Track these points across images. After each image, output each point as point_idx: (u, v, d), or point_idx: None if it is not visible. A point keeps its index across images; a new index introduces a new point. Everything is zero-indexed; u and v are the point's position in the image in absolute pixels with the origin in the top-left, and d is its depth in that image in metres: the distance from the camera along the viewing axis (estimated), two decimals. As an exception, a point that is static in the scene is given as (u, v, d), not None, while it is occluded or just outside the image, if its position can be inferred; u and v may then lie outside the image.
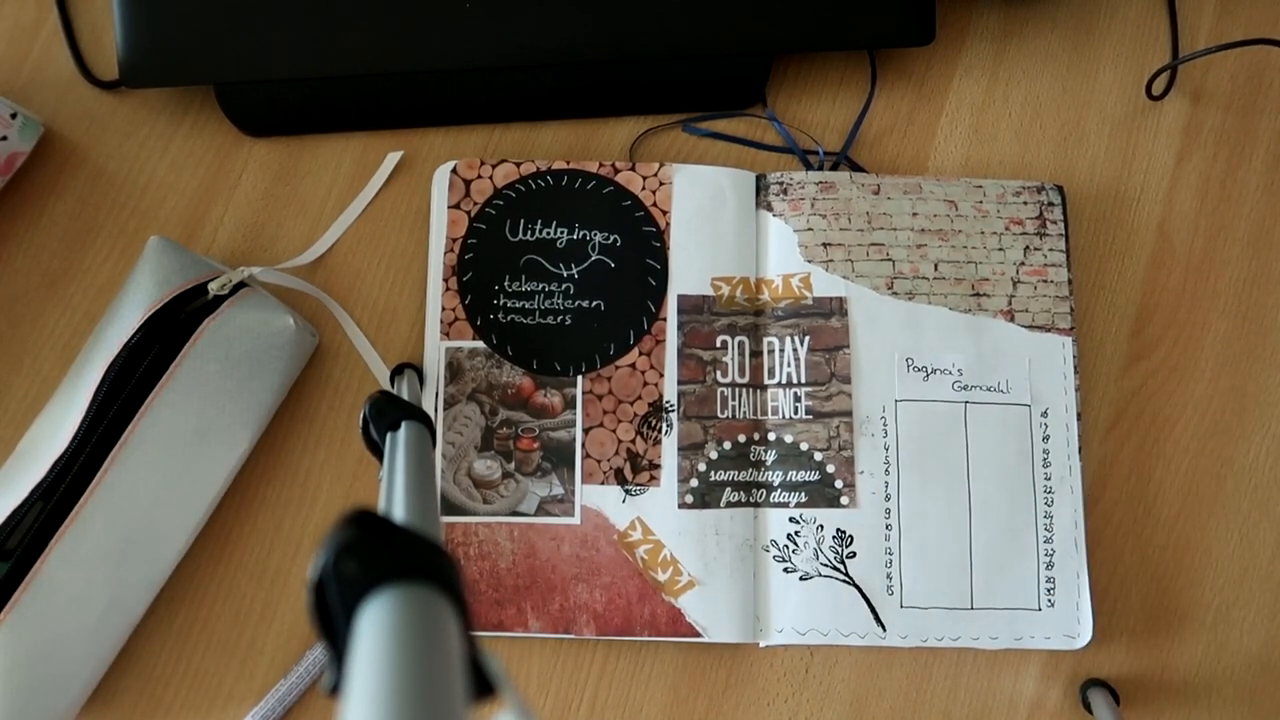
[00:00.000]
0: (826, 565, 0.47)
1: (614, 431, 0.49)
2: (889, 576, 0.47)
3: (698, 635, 0.47)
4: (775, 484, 0.48)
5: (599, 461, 0.49)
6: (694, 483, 0.48)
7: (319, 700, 0.47)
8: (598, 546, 0.48)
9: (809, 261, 0.50)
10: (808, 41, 0.52)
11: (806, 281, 0.50)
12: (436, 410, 0.49)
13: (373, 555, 0.21)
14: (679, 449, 0.49)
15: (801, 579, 0.47)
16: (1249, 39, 0.53)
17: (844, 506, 0.48)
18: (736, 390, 0.49)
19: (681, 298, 0.50)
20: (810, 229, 0.50)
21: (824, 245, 0.50)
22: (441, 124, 0.53)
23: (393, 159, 0.52)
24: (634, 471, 0.48)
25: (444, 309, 0.50)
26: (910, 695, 0.48)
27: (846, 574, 0.47)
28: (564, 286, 0.50)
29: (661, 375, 0.49)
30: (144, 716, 0.47)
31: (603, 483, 0.48)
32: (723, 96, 0.53)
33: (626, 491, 0.48)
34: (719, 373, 0.49)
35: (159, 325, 0.44)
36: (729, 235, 0.51)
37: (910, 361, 0.49)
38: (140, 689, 0.47)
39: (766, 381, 0.49)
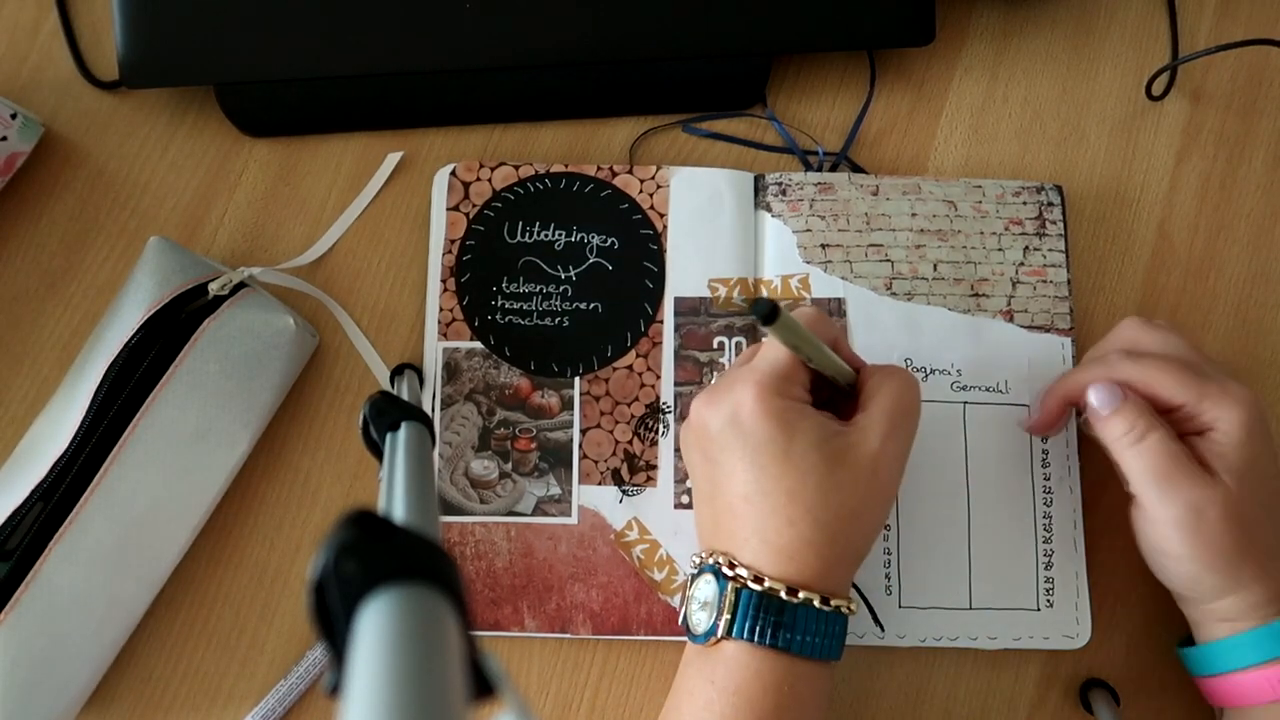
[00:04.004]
0: (826, 565, 0.47)
1: (611, 432, 0.49)
2: (887, 577, 0.47)
3: (697, 635, 0.47)
4: (774, 484, 0.48)
5: (596, 462, 0.49)
6: (690, 483, 0.48)
7: (319, 700, 0.47)
8: (594, 546, 0.48)
9: (807, 262, 0.50)
10: (808, 41, 0.52)
11: (805, 282, 0.50)
12: (434, 410, 0.49)
13: (372, 555, 0.21)
14: (675, 450, 0.49)
15: (801, 579, 0.47)
16: (1249, 39, 0.53)
17: (843, 507, 0.48)
18: (736, 390, 0.49)
19: (679, 300, 0.50)
20: (809, 230, 0.50)
21: (822, 246, 0.50)
22: (441, 124, 0.53)
23: (393, 159, 0.52)
24: (631, 472, 0.49)
25: (442, 310, 0.50)
26: (910, 695, 0.48)
27: (846, 574, 0.47)
28: (562, 288, 0.50)
29: (659, 377, 0.49)
30: (144, 716, 0.47)
31: (600, 483, 0.48)
32: (723, 96, 0.53)
33: (623, 492, 0.48)
34: (716, 374, 0.49)
35: (159, 325, 0.44)
36: (727, 236, 0.51)
37: (909, 362, 0.49)
38: (140, 689, 0.47)
39: (766, 382, 0.49)
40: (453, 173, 0.51)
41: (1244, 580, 0.40)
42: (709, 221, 0.51)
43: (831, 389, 0.42)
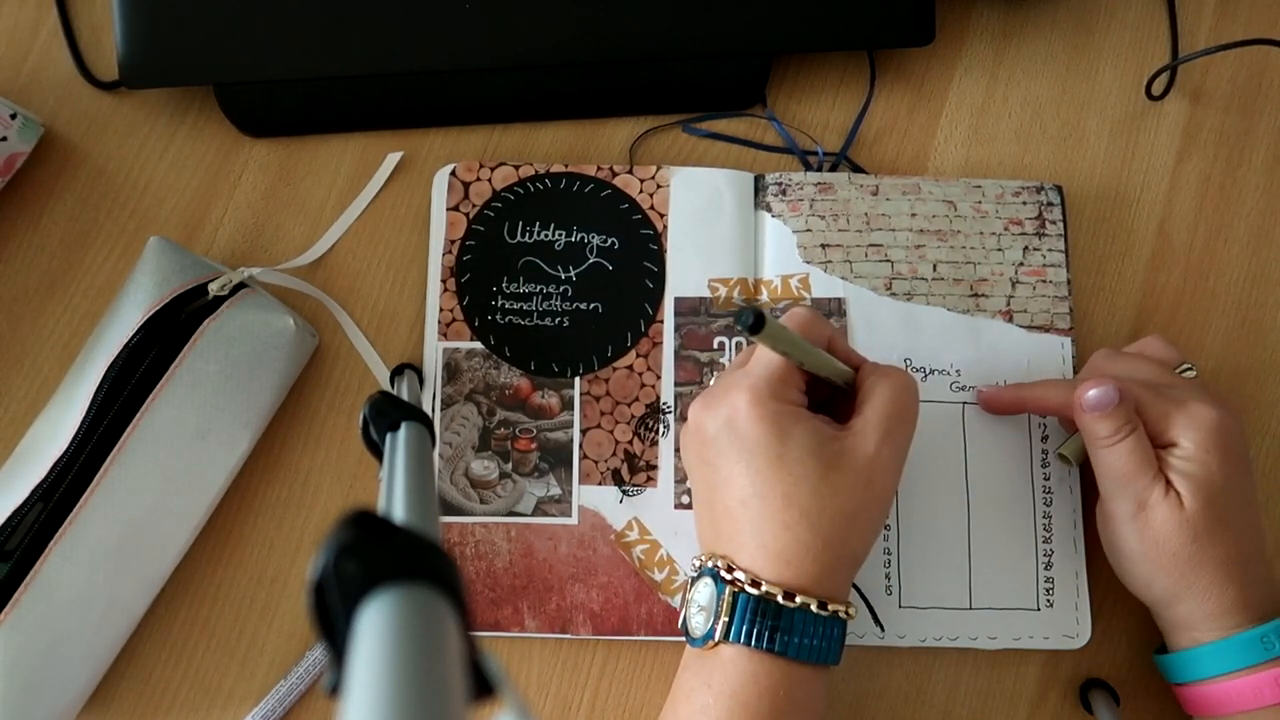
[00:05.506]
0: (826, 565, 0.47)
1: (611, 433, 0.49)
2: (887, 577, 0.47)
3: (697, 635, 0.47)
4: (774, 484, 0.48)
5: (596, 462, 0.49)
6: (690, 485, 0.48)
7: (319, 700, 0.47)
8: (595, 546, 0.48)
9: (807, 262, 0.50)
10: (808, 41, 0.52)
11: (805, 282, 0.50)
12: (434, 410, 0.49)
13: (372, 555, 0.21)
14: (676, 450, 0.49)
15: (801, 579, 0.47)
16: (1249, 39, 0.53)
17: (843, 507, 0.48)
18: (736, 390, 0.49)
19: (679, 300, 0.50)
20: (809, 230, 0.50)
21: (822, 246, 0.50)
22: (441, 124, 0.53)
23: (392, 159, 0.52)
24: (631, 472, 0.49)
25: (442, 310, 0.50)
26: (910, 695, 0.48)
27: (845, 574, 0.47)
28: (562, 288, 0.50)
29: (659, 377, 0.49)
30: (144, 716, 0.47)
31: (600, 483, 0.48)
32: (723, 96, 0.53)
33: (624, 492, 0.48)
34: (716, 374, 0.49)
35: (159, 326, 0.44)
36: (726, 237, 0.51)
37: (909, 362, 0.49)
38: (140, 689, 0.47)
39: (766, 382, 0.49)
40: (453, 173, 0.51)
41: (1197, 588, 0.41)
42: (709, 221, 0.51)
43: (830, 387, 0.42)
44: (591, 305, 0.50)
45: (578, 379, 0.49)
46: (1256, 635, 0.40)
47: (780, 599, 0.37)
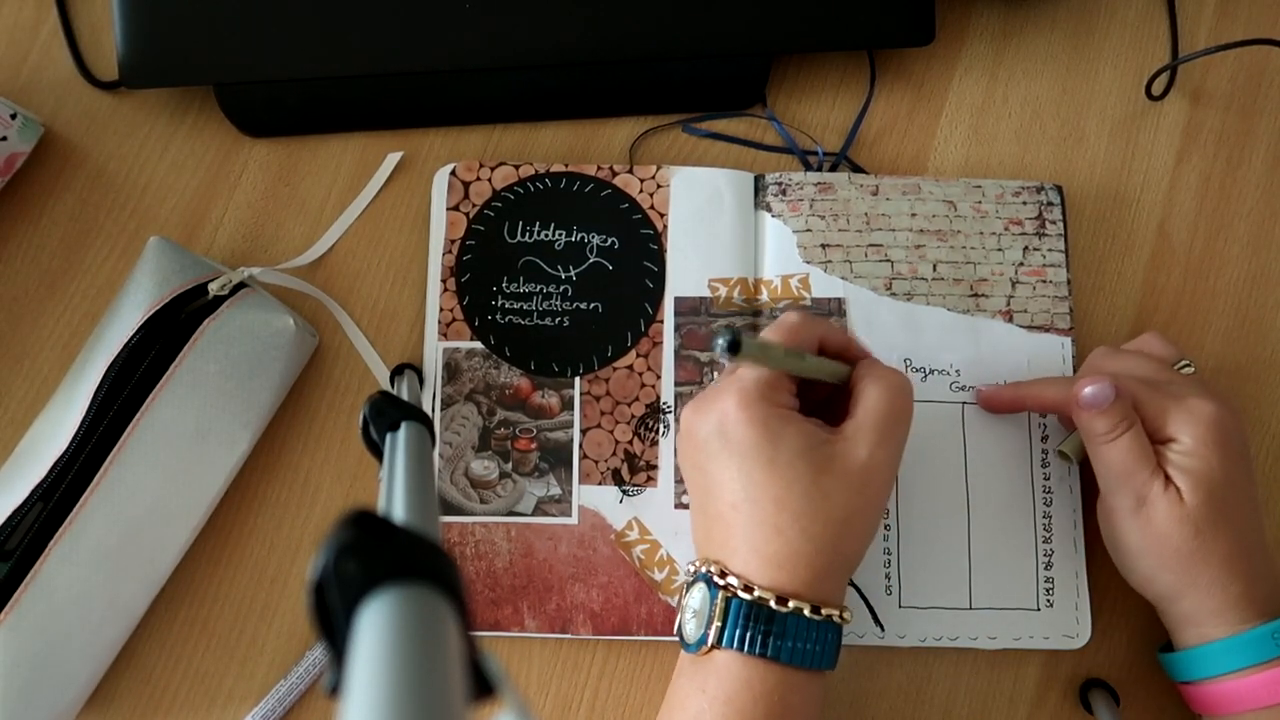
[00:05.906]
0: (826, 565, 0.47)
1: (611, 432, 0.49)
2: (887, 577, 0.47)
3: (697, 635, 0.47)
4: (774, 484, 0.48)
5: (596, 462, 0.49)
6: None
7: (319, 700, 0.47)
8: (595, 546, 0.48)
9: (807, 262, 0.50)
10: (808, 41, 0.52)
11: (805, 282, 0.50)
12: (434, 410, 0.49)
13: (372, 555, 0.21)
14: (675, 450, 0.49)
15: (801, 579, 0.47)
16: (1249, 39, 0.53)
17: (843, 507, 0.48)
18: (736, 390, 0.49)
19: (679, 300, 0.50)
20: (809, 230, 0.50)
21: (822, 246, 0.50)
22: (441, 124, 0.53)
23: (392, 159, 0.52)
24: (631, 472, 0.49)
25: (442, 310, 0.50)
26: (910, 695, 0.48)
27: (845, 574, 0.47)
28: (562, 288, 0.50)
29: (659, 377, 0.49)
30: (144, 716, 0.47)
31: (600, 483, 0.48)
32: (723, 96, 0.53)
33: (624, 492, 0.48)
34: (716, 374, 0.49)
35: (159, 325, 0.44)
36: (726, 236, 0.51)
37: (909, 362, 0.49)
38: (140, 689, 0.47)
39: (766, 382, 0.49)
40: (453, 173, 0.51)
41: (1201, 583, 0.41)
42: (709, 221, 0.51)
43: (827, 385, 0.42)
44: (591, 305, 0.50)
45: (578, 379, 0.49)
46: (1267, 631, 0.40)
47: (773, 604, 0.37)
